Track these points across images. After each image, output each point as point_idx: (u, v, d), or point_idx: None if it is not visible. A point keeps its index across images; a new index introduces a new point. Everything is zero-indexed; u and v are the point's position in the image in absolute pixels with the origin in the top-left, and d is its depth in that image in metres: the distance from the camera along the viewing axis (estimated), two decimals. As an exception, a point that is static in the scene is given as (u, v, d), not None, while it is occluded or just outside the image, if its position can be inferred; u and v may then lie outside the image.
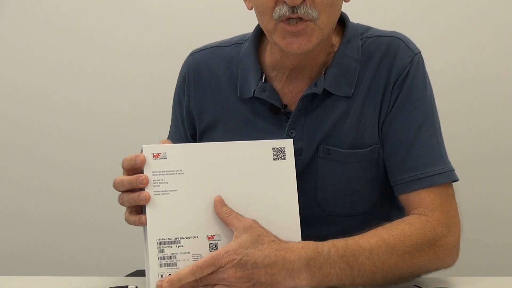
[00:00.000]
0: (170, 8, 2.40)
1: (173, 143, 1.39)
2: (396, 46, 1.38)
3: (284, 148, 1.23)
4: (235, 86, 1.43)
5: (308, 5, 1.25)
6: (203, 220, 1.19)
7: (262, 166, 1.22)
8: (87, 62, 2.44)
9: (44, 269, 2.50)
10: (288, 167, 1.22)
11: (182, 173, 1.19)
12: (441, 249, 1.27)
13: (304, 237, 1.22)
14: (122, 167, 1.21)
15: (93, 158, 2.47)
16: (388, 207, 1.41)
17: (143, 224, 1.18)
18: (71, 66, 2.45)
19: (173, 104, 1.55)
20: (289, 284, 1.15)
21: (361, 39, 1.40)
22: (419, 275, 1.27)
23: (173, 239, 1.17)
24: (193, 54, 1.52)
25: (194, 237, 1.18)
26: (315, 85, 1.34)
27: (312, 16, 1.26)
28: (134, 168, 1.20)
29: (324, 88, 1.34)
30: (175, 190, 1.18)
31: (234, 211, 1.17)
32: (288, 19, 1.27)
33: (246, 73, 1.42)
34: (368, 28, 1.43)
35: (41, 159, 2.49)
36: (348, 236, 1.23)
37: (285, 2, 1.25)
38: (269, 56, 1.42)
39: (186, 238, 1.18)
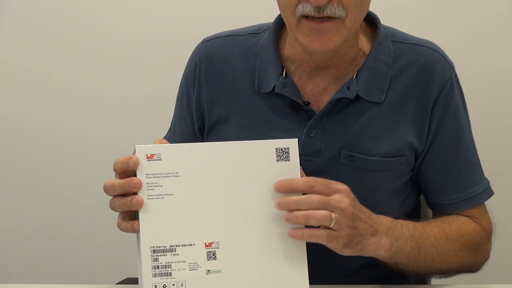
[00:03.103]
0: (168, 6, 2.34)
1: (178, 136, 1.46)
2: (434, 59, 1.35)
3: (288, 148, 1.18)
4: (251, 79, 1.37)
5: (335, 5, 1.20)
6: (200, 226, 1.15)
7: (264, 168, 1.17)
8: (81, 61, 2.39)
9: (33, 277, 2.45)
10: (292, 169, 1.18)
11: (178, 176, 1.14)
12: (482, 254, 1.35)
13: (313, 247, 1.18)
14: (114, 170, 1.16)
15: (83, 161, 2.41)
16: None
17: (136, 231, 1.14)
18: (66, 64, 2.40)
19: (179, 94, 1.49)
20: (372, 246, 1.18)
21: (392, 42, 1.36)
22: (457, 273, 1.35)
23: (168, 247, 1.13)
24: (205, 42, 1.45)
25: (190, 245, 1.14)
26: (348, 88, 1.30)
27: (340, 15, 1.21)
28: (127, 171, 1.15)
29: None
30: (171, 194, 1.14)
31: None
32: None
33: (264, 67, 1.36)
34: (396, 31, 1.39)
35: (28, 164, 2.44)
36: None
37: (309, 1, 1.20)
38: (289, 50, 1.37)
39: (182, 245, 1.13)
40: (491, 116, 2.28)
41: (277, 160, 1.18)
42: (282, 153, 1.19)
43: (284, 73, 1.34)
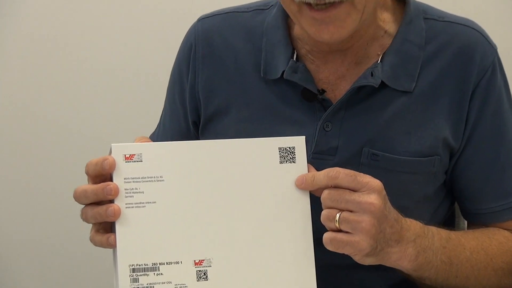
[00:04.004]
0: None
1: (169, 132, 1.38)
2: (474, 40, 1.23)
3: (293, 148, 1.10)
4: (256, 64, 1.26)
5: None
6: (189, 240, 1.07)
7: (265, 171, 1.09)
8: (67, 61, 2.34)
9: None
10: (298, 173, 1.10)
11: (162, 180, 1.07)
12: None
13: (320, 265, 1.10)
14: (86, 174, 1.08)
15: (51, 165, 2.33)
16: None
17: (112, 246, 1.06)
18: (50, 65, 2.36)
19: (170, 82, 1.38)
20: (395, 255, 1.09)
21: (424, 20, 1.24)
22: None
23: (150, 265, 1.06)
24: (202, 20, 1.34)
25: (177, 263, 1.06)
26: (371, 75, 1.19)
27: None
28: (101, 175, 1.07)
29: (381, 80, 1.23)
30: (153, 202, 1.07)
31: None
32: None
33: (272, 49, 1.25)
34: (430, 7, 1.28)
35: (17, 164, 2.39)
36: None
37: None
38: (299, 29, 1.26)
39: (167, 263, 1.06)
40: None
41: (281, 162, 1.09)
42: (286, 154, 1.10)
43: (294, 56, 1.24)
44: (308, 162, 1.10)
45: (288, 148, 1.09)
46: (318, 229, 1.08)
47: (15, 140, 2.36)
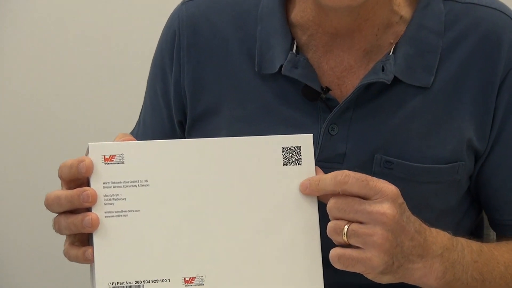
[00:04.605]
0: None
1: (150, 131, 1.33)
2: (502, 24, 1.15)
3: (299, 148, 1.03)
4: (250, 55, 1.18)
5: None
6: (177, 254, 1.01)
7: (266, 175, 1.03)
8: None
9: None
10: (305, 176, 1.03)
11: (147, 185, 1.01)
12: None
13: (328, 285, 1.03)
14: (60, 177, 1.01)
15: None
16: None
17: (90, 261, 1.00)
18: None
19: (151, 74, 1.30)
20: (419, 272, 1.02)
21: (443, 2, 1.17)
22: None
23: (133, 284, 0.99)
24: (186, 3, 1.25)
25: (164, 280, 1.00)
26: (382, 69, 1.12)
27: None
28: (77, 178, 1.00)
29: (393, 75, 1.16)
30: (137, 211, 1.00)
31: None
32: None
33: (268, 38, 1.17)
34: None
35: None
36: None
37: None
38: (298, 14, 1.18)
39: (152, 281, 0.99)
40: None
41: (284, 164, 1.03)
42: (291, 155, 1.03)
43: (294, 47, 1.16)
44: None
45: (292, 148, 1.03)
46: (325, 244, 1.01)
47: (13, 140, 2.35)
